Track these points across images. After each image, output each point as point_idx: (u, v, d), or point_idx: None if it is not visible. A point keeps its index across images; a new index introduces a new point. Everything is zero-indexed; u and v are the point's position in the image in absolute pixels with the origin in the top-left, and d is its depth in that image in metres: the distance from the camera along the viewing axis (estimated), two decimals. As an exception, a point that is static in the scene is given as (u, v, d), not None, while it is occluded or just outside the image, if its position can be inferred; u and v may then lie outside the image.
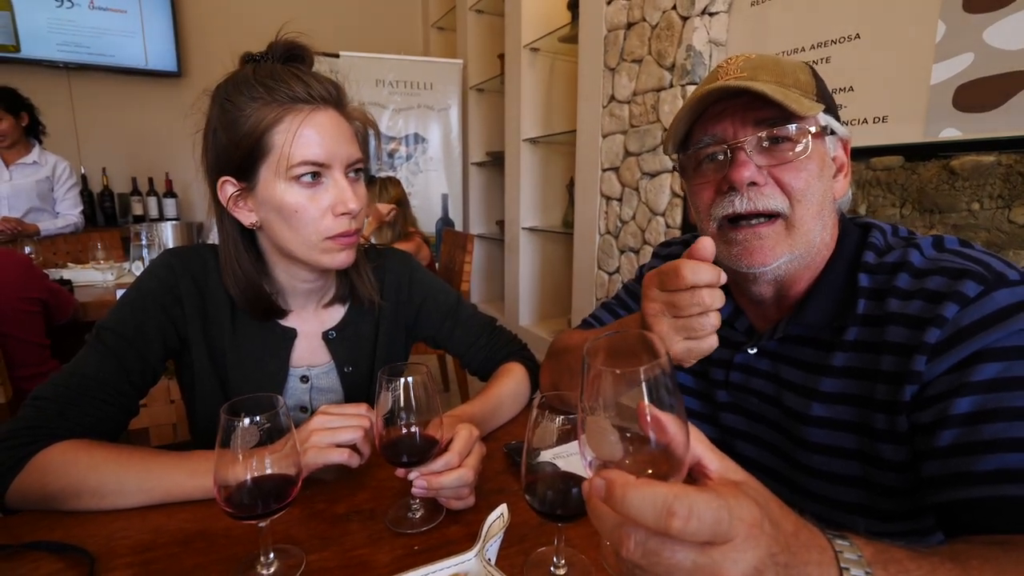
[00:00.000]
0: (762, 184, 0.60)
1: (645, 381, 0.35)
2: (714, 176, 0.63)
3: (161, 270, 0.77)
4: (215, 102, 0.72)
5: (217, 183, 0.73)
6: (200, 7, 3.76)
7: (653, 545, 0.30)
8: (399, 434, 0.60)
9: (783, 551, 0.32)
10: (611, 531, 0.32)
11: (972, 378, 0.50)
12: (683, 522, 0.29)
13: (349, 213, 0.71)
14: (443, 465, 0.59)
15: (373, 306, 0.87)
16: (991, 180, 1.36)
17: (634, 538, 0.31)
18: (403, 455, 0.60)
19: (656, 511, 0.29)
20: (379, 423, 0.59)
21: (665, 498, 0.29)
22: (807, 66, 0.64)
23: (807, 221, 0.60)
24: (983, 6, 1.37)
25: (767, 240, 0.60)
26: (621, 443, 0.36)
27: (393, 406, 0.59)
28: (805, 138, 0.59)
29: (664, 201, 2.24)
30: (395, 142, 3.73)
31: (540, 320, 3.47)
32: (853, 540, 0.36)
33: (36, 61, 3.31)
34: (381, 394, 0.59)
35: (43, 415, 0.64)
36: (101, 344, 0.71)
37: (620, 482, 0.31)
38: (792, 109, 0.56)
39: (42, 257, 2.18)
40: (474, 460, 0.62)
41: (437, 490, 0.59)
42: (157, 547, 0.56)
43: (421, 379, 0.60)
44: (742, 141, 0.60)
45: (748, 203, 0.60)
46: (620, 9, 2.36)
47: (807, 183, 0.59)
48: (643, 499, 0.30)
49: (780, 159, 0.60)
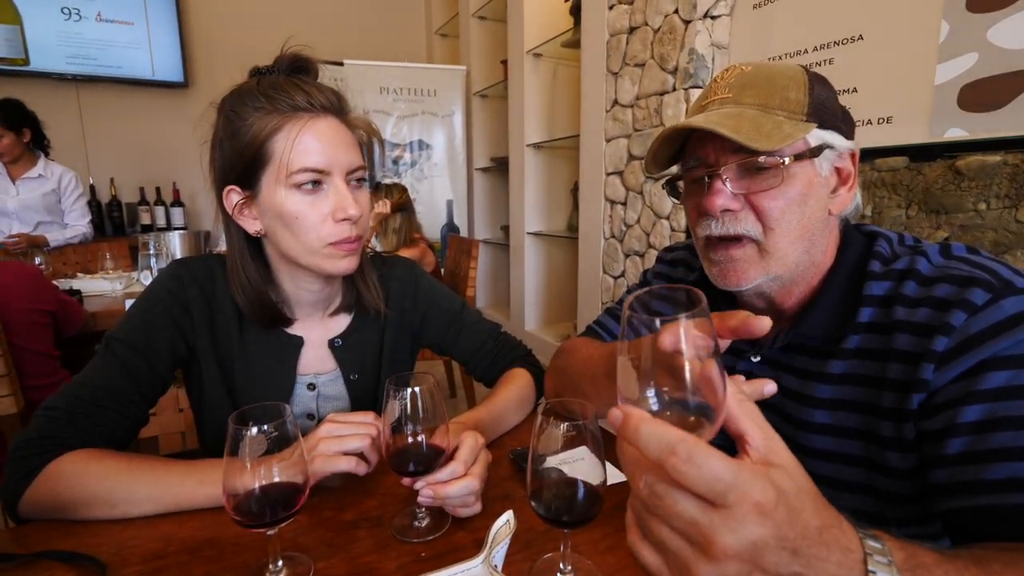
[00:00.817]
0: (737, 210, 0.61)
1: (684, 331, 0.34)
2: (697, 198, 0.64)
3: (169, 280, 0.78)
4: (221, 113, 0.73)
5: (223, 192, 0.74)
6: (205, 19, 3.80)
7: (659, 488, 0.32)
8: (406, 443, 0.60)
9: (794, 539, 0.32)
10: (627, 465, 0.34)
11: (980, 386, 0.50)
12: (679, 462, 0.30)
13: (349, 219, 0.72)
14: (449, 474, 0.59)
15: (379, 315, 0.88)
16: (997, 180, 1.35)
17: (645, 477, 0.33)
18: (410, 464, 0.60)
19: (659, 446, 0.31)
20: (386, 432, 0.60)
21: (672, 437, 0.31)
22: (804, 78, 0.62)
23: (783, 246, 0.61)
24: (986, 6, 1.36)
25: (739, 263, 0.62)
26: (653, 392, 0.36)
27: (400, 415, 0.59)
28: (780, 167, 0.59)
29: (668, 204, 2.24)
30: (399, 149, 3.75)
31: (546, 325, 3.47)
32: (886, 543, 0.36)
33: (45, 74, 3.36)
34: (388, 403, 0.59)
35: (54, 425, 0.65)
36: (111, 355, 0.72)
37: (636, 415, 0.33)
38: (755, 148, 0.56)
39: (52, 268, 2.21)
40: (480, 468, 0.62)
41: (443, 499, 0.59)
42: (167, 555, 0.56)
43: (428, 388, 0.60)
44: (719, 169, 0.61)
45: (722, 227, 0.62)
46: (622, 13, 2.37)
47: (783, 210, 0.60)
48: (651, 433, 0.32)
49: (758, 187, 0.60)
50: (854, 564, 0.34)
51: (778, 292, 0.65)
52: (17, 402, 1.32)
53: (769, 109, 0.60)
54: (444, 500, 0.60)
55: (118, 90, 3.60)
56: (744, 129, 0.57)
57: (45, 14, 3.33)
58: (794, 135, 0.57)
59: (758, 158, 0.59)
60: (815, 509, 0.34)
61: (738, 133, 0.56)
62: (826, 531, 0.34)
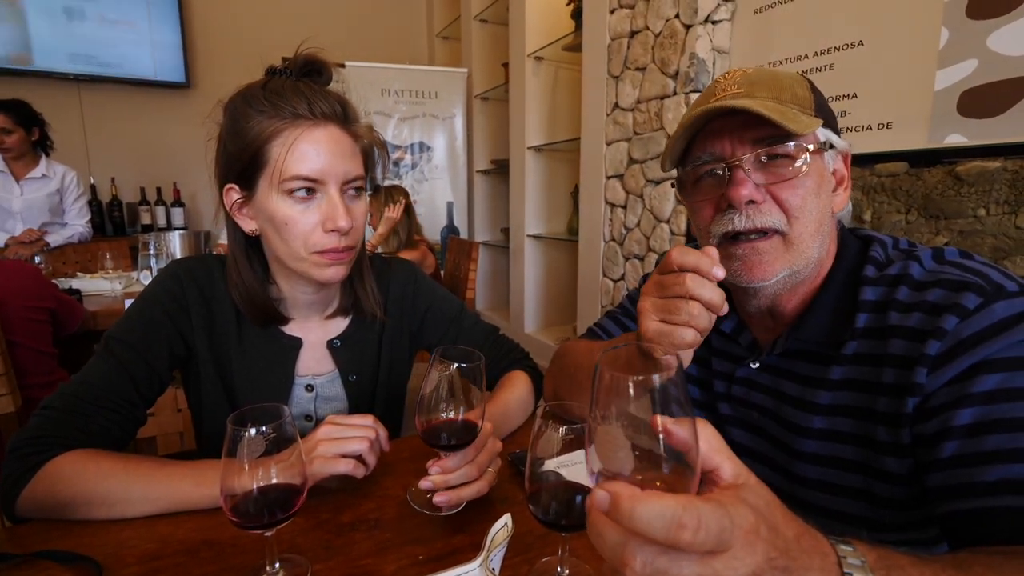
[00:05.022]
0: (760, 202, 0.60)
1: (651, 390, 0.34)
2: (713, 193, 0.63)
3: (168, 281, 0.78)
4: (227, 112, 0.74)
5: (224, 189, 0.75)
6: (207, 19, 3.81)
7: (662, 562, 0.29)
8: (439, 420, 0.62)
9: (782, 555, 0.32)
10: (614, 549, 0.30)
11: (973, 389, 0.50)
12: (693, 534, 0.28)
13: (338, 230, 0.71)
14: (460, 458, 0.62)
15: (376, 319, 0.88)
16: (997, 186, 1.36)
17: (640, 556, 0.29)
18: (441, 436, 0.62)
19: (666, 524, 0.28)
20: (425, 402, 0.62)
21: (674, 510, 0.28)
22: (805, 80, 0.64)
23: (805, 238, 0.60)
24: (986, 12, 1.37)
25: (766, 255, 0.61)
26: (632, 455, 0.35)
27: (438, 387, 0.61)
28: (803, 155, 0.59)
29: (669, 208, 2.24)
30: (400, 151, 3.76)
31: (545, 327, 3.47)
32: (857, 546, 0.36)
33: (47, 73, 3.36)
34: (432, 373, 0.62)
35: (52, 425, 0.65)
36: (109, 355, 0.72)
37: (627, 494, 0.29)
38: (789, 128, 0.56)
39: (51, 267, 2.21)
40: (485, 458, 0.64)
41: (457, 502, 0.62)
42: (164, 556, 0.56)
43: (474, 367, 0.62)
44: (740, 159, 0.60)
45: (747, 221, 0.60)
46: (623, 18, 2.38)
47: (804, 200, 0.59)
48: (651, 511, 0.28)
49: (778, 177, 0.59)
50: (831, 567, 0.35)
51: (787, 291, 0.64)
52: (15, 400, 1.32)
53: (783, 102, 0.60)
54: (458, 498, 0.62)
55: (120, 90, 3.60)
56: (774, 112, 0.57)
57: (48, 14, 3.33)
58: (812, 125, 0.58)
59: (778, 146, 0.58)
60: (785, 519, 0.34)
61: (769, 112, 0.56)
62: (802, 539, 0.34)
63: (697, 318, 0.52)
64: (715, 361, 0.74)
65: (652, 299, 0.56)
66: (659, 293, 0.55)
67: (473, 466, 0.62)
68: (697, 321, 0.52)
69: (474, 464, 0.63)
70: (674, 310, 0.53)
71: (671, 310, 0.53)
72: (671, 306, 0.53)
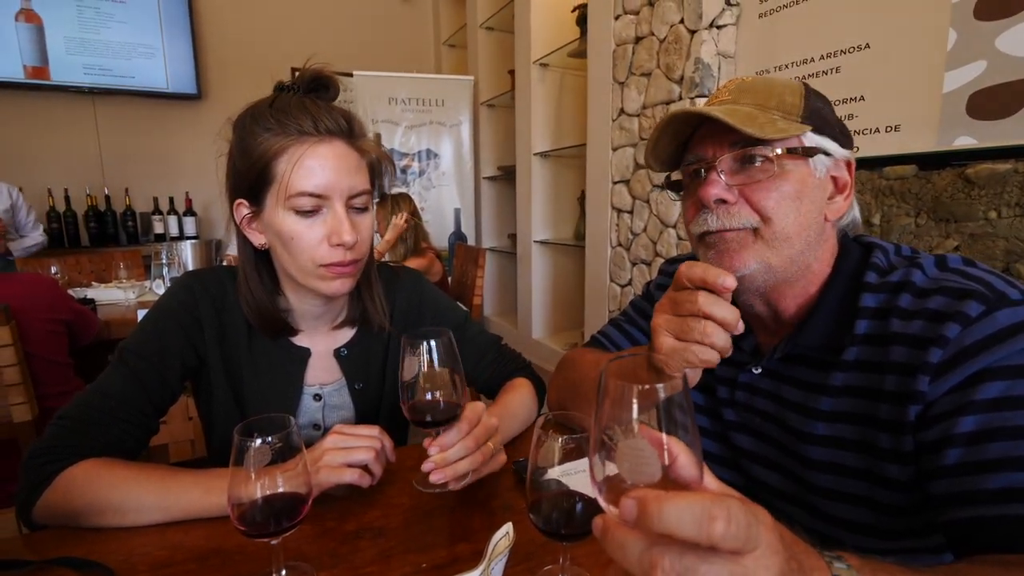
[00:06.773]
0: (732, 202, 0.61)
1: (656, 403, 0.35)
2: (695, 195, 0.65)
3: (181, 292, 0.80)
4: (235, 130, 0.76)
5: (234, 204, 0.77)
6: (219, 32, 3.87)
7: (689, 561, 0.29)
8: (424, 401, 0.65)
9: (793, 558, 0.32)
10: (639, 557, 0.30)
11: (975, 397, 0.50)
12: (725, 525, 0.28)
13: (343, 244, 0.73)
14: (456, 433, 0.64)
15: (383, 331, 0.89)
16: (1008, 188, 1.34)
17: (667, 558, 0.29)
18: (427, 416, 0.65)
19: (696, 518, 0.28)
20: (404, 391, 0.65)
21: (703, 504, 0.28)
22: (801, 87, 0.64)
23: (779, 237, 0.61)
24: (994, 13, 1.36)
25: (732, 244, 0.62)
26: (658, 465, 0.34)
27: (417, 370, 0.64)
28: (773, 160, 0.60)
29: (675, 213, 2.24)
30: (408, 158, 3.79)
31: (553, 333, 3.47)
32: (839, 553, 0.37)
33: (63, 87, 3.44)
34: (405, 359, 0.64)
35: (67, 434, 0.67)
36: (123, 365, 0.74)
37: (653, 497, 0.29)
38: (748, 132, 0.57)
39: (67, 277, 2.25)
40: (482, 431, 0.66)
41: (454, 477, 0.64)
42: (175, 563, 0.57)
43: (443, 342, 0.65)
44: (714, 161, 0.62)
45: (718, 221, 0.62)
46: (628, 24, 2.38)
47: (779, 203, 0.60)
48: (681, 509, 0.28)
49: (750, 179, 0.61)
50: (824, 568, 0.35)
51: (774, 290, 0.65)
52: (32, 409, 1.35)
53: (766, 108, 0.62)
54: (456, 475, 0.64)
55: (133, 102, 3.68)
56: (738, 117, 0.58)
57: (64, 28, 3.41)
58: (787, 131, 0.59)
59: (750, 149, 0.60)
60: (775, 526, 0.34)
61: (731, 117, 0.58)
62: (797, 542, 0.35)
63: (711, 336, 0.53)
64: (718, 366, 0.74)
65: (666, 316, 0.57)
66: (673, 310, 0.56)
67: (470, 438, 0.64)
68: (712, 339, 0.53)
69: (471, 436, 0.64)
70: (687, 328, 0.54)
71: (684, 328, 0.55)
72: (685, 324, 0.55)
